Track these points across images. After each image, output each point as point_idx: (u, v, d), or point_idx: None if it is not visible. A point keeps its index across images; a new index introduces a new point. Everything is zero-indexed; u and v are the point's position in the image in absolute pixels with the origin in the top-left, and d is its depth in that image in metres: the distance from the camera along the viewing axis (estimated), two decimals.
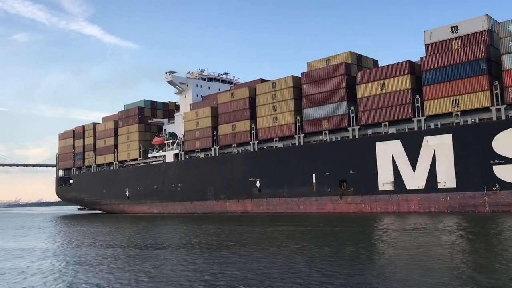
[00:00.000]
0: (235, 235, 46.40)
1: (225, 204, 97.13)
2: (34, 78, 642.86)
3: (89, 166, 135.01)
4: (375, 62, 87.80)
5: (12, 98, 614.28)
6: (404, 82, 72.82)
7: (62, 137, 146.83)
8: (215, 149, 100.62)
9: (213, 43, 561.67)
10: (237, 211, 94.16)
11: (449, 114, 68.64)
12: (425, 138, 69.70)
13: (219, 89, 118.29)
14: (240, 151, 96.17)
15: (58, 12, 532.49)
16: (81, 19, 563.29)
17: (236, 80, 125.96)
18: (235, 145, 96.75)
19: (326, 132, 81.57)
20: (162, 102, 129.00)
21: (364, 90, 76.91)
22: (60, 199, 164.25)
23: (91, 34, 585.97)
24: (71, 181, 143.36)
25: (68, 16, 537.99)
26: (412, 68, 73.35)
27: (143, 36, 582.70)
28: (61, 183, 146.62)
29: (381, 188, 74.04)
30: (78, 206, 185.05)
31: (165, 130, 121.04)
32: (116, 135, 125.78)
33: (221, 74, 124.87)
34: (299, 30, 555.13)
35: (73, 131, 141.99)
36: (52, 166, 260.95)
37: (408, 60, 73.14)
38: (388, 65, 75.29)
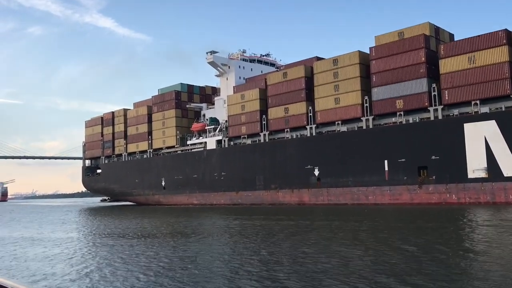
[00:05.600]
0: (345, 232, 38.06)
1: (277, 194, 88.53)
2: (49, 71, 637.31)
3: (120, 155, 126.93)
4: (451, 36, 78.42)
5: (27, 91, 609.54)
6: (499, 54, 63.53)
7: (89, 124, 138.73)
8: (264, 135, 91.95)
9: (241, 29, 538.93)
10: (291, 202, 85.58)
11: None
12: None
13: (261, 71, 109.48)
14: (294, 136, 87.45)
15: (72, 4, 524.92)
16: (95, 12, 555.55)
17: (277, 62, 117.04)
18: (288, 129, 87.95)
19: (401, 113, 72.48)
20: (199, 86, 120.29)
21: (448, 65, 67.75)
22: (86, 190, 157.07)
23: (104, 26, 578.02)
24: (99, 170, 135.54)
25: (81, 9, 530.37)
26: (509, 38, 64.03)
27: (156, 28, 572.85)
28: (88, 173, 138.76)
29: (470, 175, 64.97)
30: (100, 198, 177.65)
31: (204, 115, 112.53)
32: (150, 121, 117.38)
33: (263, 55, 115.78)
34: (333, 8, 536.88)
35: (101, 118, 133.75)
36: (69, 158, 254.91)
37: (505, 29, 63.82)
38: (478, 36, 65.82)
